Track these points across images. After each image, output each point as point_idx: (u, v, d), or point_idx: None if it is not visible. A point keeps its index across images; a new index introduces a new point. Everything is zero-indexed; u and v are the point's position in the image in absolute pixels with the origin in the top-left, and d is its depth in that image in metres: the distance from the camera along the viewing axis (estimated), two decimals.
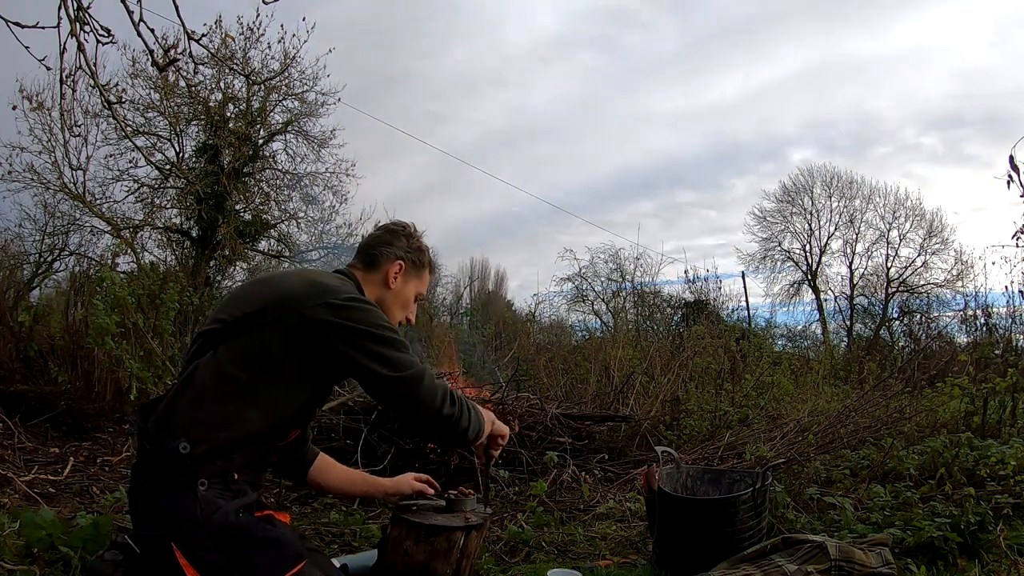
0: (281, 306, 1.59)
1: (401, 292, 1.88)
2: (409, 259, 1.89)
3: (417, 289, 1.93)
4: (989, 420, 4.95)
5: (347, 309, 1.60)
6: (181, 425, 1.49)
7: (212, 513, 1.43)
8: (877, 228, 21.26)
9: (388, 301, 1.86)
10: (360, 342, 1.58)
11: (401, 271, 1.87)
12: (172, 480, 1.44)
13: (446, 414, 1.65)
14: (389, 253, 1.87)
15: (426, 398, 1.62)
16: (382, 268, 1.86)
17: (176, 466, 1.44)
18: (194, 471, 1.45)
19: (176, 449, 1.44)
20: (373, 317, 1.62)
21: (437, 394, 1.64)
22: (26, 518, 2.63)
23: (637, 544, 3.37)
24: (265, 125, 14.29)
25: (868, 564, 2.49)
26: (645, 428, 5.53)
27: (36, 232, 13.29)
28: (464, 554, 2.45)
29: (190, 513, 1.42)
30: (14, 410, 4.68)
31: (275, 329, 1.56)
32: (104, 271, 6.19)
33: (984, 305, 10.35)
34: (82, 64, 2.78)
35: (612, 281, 18.39)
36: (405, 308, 1.91)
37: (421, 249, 1.93)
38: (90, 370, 5.10)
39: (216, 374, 1.54)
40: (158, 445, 1.48)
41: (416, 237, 1.93)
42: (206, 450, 1.47)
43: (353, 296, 1.64)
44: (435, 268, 2.04)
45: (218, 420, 1.50)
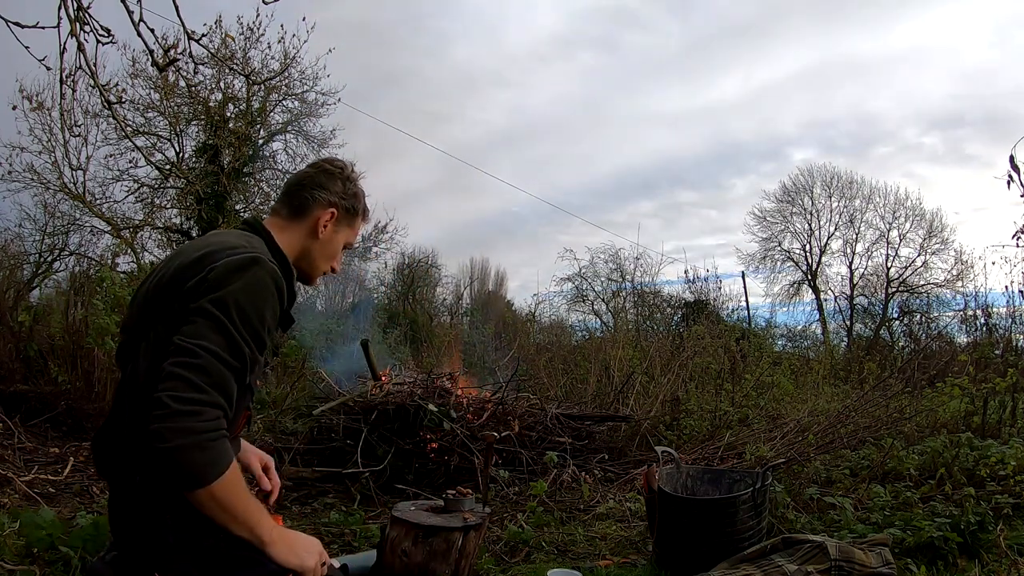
0: (169, 290, 1.38)
1: (330, 242, 1.67)
2: (343, 205, 1.66)
3: (347, 238, 1.71)
4: (989, 420, 4.95)
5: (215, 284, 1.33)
6: (128, 456, 1.36)
7: (188, 538, 1.36)
8: (877, 228, 21.24)
9: (314, 252, 1.65)
10: (202, 311, 1.30)
11: (333, 219, 1.65)
12: (140, 513, 1.36)
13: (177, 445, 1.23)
14: (321, 198, 1.63)
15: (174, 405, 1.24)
16: (311, 214, 1.63)
17: (138, 499, 1.36)
18: (157, 500, 1.35)
19: (134, 482, 1.36)
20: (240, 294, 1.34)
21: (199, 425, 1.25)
22: (26, 518, 2.63)
23: (637, 544, 3.37)
24: (265, 125, 14.29)
25: (868, 564, 2.49)
26: (645, 428, 5.53)
27: (36, 232, 13.30)
28: (463, 554, 2.45)
29: (166, 542, 1.35)
30: (14, 410, 4.68)
31: (166, 320, 1.35)
32: (104, 271, 6.20)
33: (984, 305, 10.34)
34: (82, 64, 2.78)
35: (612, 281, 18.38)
36: (331, 259, 1.70)
37: (356, 195, 1.70)
38: (90, 370, 5.10)
39: (135, 389, 1.36)
40: (115, 481, 1.40)
41: (353, 180, 1.70)
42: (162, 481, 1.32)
43: (235, 260, 1.37)
44: (368, 214, 1.78)
45: (151, 464, 1.29)
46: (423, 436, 4.42)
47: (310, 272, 1.69)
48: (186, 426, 1.24)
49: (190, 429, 1.24)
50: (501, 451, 4.55)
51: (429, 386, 5.01)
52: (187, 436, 1.24)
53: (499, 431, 4.43)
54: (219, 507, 1.30)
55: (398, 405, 4.61)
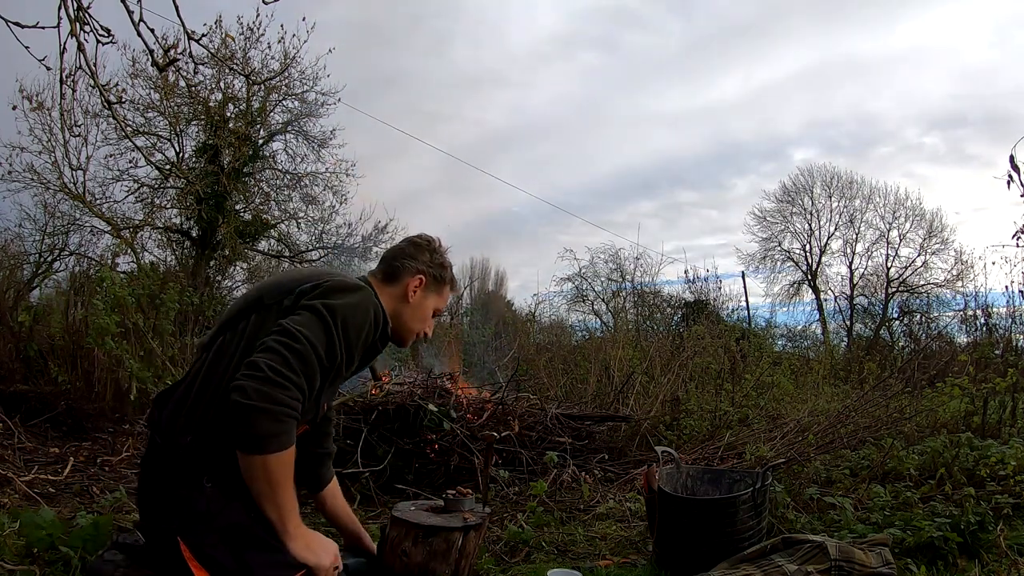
0: (275, 290, 1.59)
1: (420, 306, 1.85)
2: (431, 274, 1.86)
3: (436, 304, 1.90)
4: (989, 420, 4.95)
5: (328, 292, 1.56)
6: (189, 420, 1.48)
7: (219, 510, 1.43)
8: (877, 228, 21.26)
9: (406, 315, 1.83)
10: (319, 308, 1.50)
11: (421, 285, 1.84)
12: (179, 475, 1.44)
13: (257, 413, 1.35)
14: (411, 266, 1.84)
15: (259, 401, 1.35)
16: (402, 281, 1.83)
17: (183, 460, 1.44)
18: (200, 467, 1.44)
19: (184, 443, 1.44)
20: (349, 311, 1.52)
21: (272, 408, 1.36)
22: (26, 518, 2.63)
23: (637, 544, 3.37)
24: (265, 125, 14.28)
25: (868, 564, 2.49)
26: (645, 428, 5.53)
27: (36, 232, 13.30)
28: (463, 554, 2.45)
29: (197, 508, 1.41)
30: (14, 410, 4.68)
31: (268, 313, 1.55)
32: (104, 271, 6.20)
33: (984, 305, 10.35)
34: (82, 64, 2.78)
35: (612, 281, 18.39)
36: (423, 322, 1.88)
37: (444, 265, 1.90)
38: (90, 370, 5.10)
39: (217, 363, 1.53)
40: (167, 438, 1.47)
41: (440, 252, 1.91)
42: (212, 447, 1.45)
43: (347, 283, 1.60)
44: (456, 285, 1.99)
45: (222, 416, 1.45)
46: (423, 436, 4.42)
47: (403, 334, 1.86)
48: (270, 393, 1.37)
49: (272, 397, 1.37)
50: (501, 451, 4.55)
51: (429, 386, 5.01)
52: (267, 401, 1.36)
53: (499, 431, 4.44)
54: (264, 479, 1.40)
55: (398, 405, 4.61)
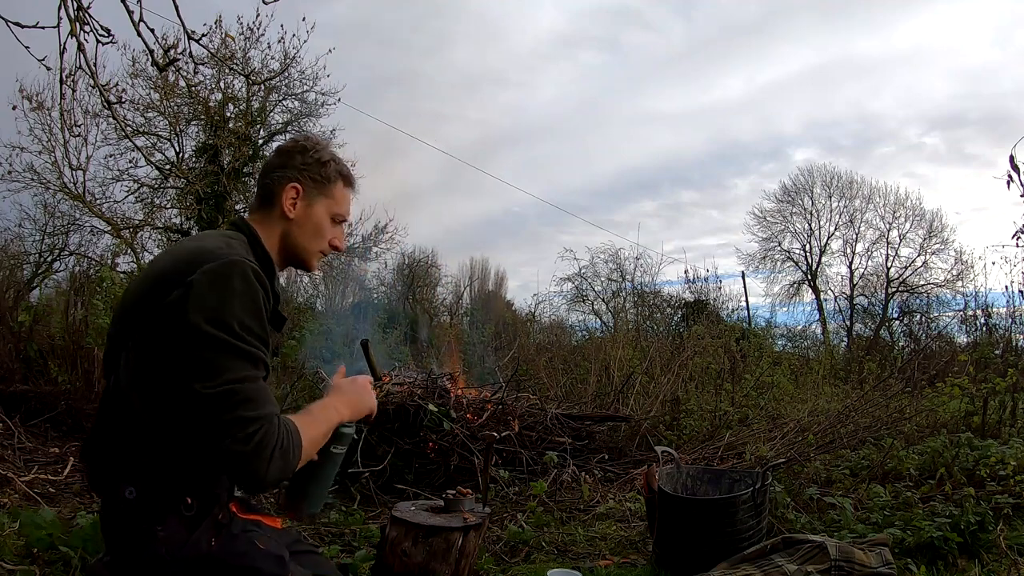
0: (148, 298, 1.32)
1: (307, 219, 1.56)
2: (308, 176, 1.56)
3: (331, 209, 1.59)
4: (989, 420, 4.94)
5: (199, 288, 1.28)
6: (118, 468, 1.33)
7: (180, 550, 1.32)
8: (877, 228, 21.24)
9: (294, 234, 1.55)
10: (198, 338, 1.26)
11: (300, 195, 1.55)
12: (130, 528, 1.33)
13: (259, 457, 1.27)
14: (280, 177, 1.55)
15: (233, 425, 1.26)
16: (277, 199, 1.54)
17: (128, 513, 1.32)
18: (147, 514, 1.32)
19: (123, 496, 1.32)
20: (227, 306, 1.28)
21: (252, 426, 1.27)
22: (26, 518, 2.63)
23: (637, 544, 3.37)
24: (265, 125, 14.29)
25: (868, 564, 2.48)
26: (645, 428, 5.53)
27: (36, 232, 13.31)
28: (463, 554, 2.45)
29: (155, 554, 1.32)
30: (14, 410, 4.68)
31: (145, 331, 1.31)
32: (104, 271, 6.20)
33: (984, 305, 10.33)
34: (82, 64, 2.78)
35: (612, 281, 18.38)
36: (319, 236, 1.58)
37: (322, 161, 1.58)
38: (90, 370, 5.10)
39: (120, 400, 1.32)
40: (105, 493, 1.36)
41: (315, 149, 1.59)
42: (150, 488, 1.32)
43: (213, 269, 1.31)
44: (352, 181, 1.66)
45: (139, 450, 1.31)
46: (424, 436, 4.42)
47: (303, 257, 1.59)
48: (265, 457, 1.27)
49: (270, 457, 1.28)
50: (501, 451, 4.55)
51: (429, 386, 5.01)
52: (273, 463, 1.29)
53: (499, 431, 4.44)
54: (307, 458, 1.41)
55: (398, 405, 4.61)
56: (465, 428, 4.49)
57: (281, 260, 1.58)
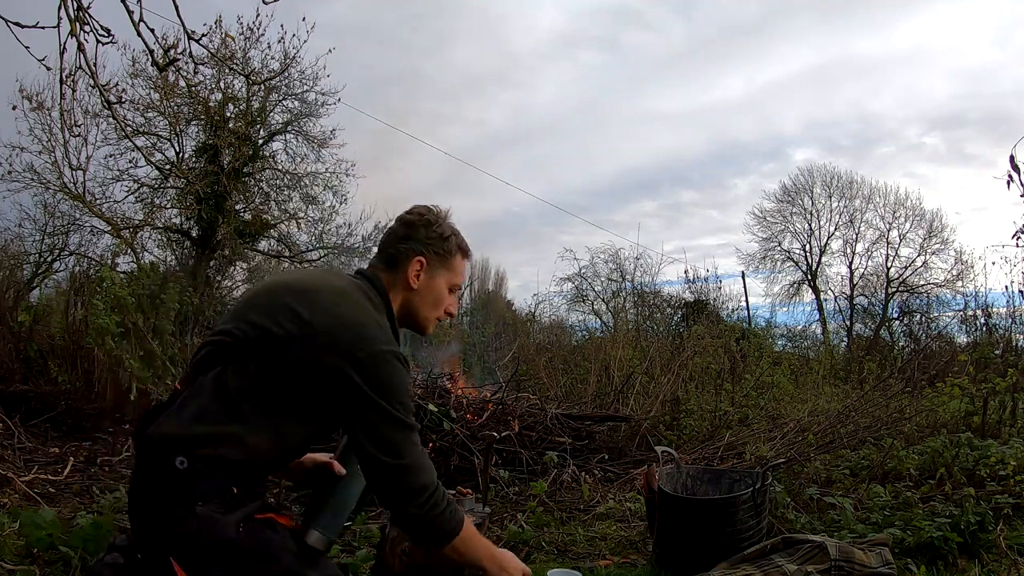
0: (303, 343, 1.45)
1: (429, 290, 1.69)
2: (432, 251, 1.68)
3: (450, 280, 1.73)
4: (989, 420, 4.94)
5: (369, 369, 1.46)
6: (180, 439, 1.41)
7: (210, 529, 1.39)
8: (877, 228, 21.25)
9: (415, 303, 1.69)
10: (368, 414, 1.47)
11: (423, 268, 1.67)
12: (168, 495, 1.39)
13: (424, 515, 1.54)
14: (406, 250, 1.67)
15: (412, 494, 1.52)
16: (401, 268, 1.67)
17: (173, 481, 1.38)
18: (191, 488, 1.39)
19: (173, 464, 1.38)
20: (394, 387, 1.49)
21: (425, 493, 1.52)
22: (26, 518, 2.63)
23: (637, 544, 3.37)
24: (265, 125, 14.27)
25: (868, 564, 2.49)
26: (645, 428, 5.52)
27: (36, 232, 13.30)
28: None
29: (188, 529, 1.37)
30: (14, 410, 4.68)
31: (289, 365, 1.45)
32: (104, 271, 6.20)
33: (984, 305, 10.34)
34: (82, 64, 2.78)
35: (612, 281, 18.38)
36: (437, 305, 1.72)
37: (444, 236, 1.70)
38: (90, 370, 5.10)
39: (221, 394, 1.44)
40: (155, 458, 1.41)
41: (437, 223, 1.70)
42: (204, 468, 1.40)
43: (381, 351, 1.48)
44: (469, 252, 1.78)
45: (222, 440, 1.41)
46: (423, 436, 4.42)
47: (421, 323, 1.74)
48: (439, 514, 1.55)
49: (443, 514, 1.56)
50: (501, 451, 4.55)
51: (429, 386, 5.01)
52: (446, 520, 1.57)
53: (499, 431, 4.44)
54: (458, 557, 1.66)
55: None
56: (465, 428, 4.49)
57: (399, 322, 1.71)
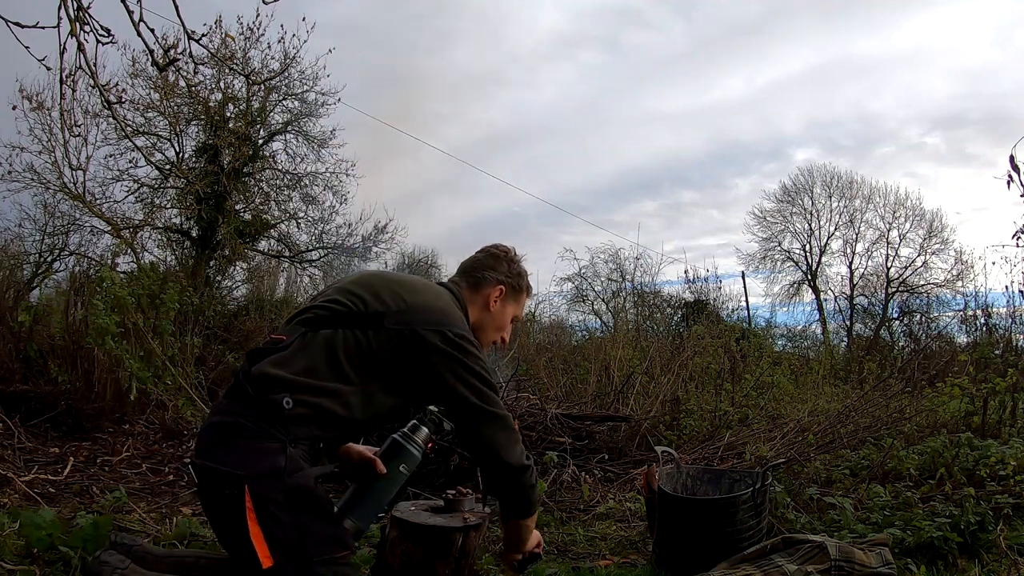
0: (402, 316, 1.68)
1: (499, 315, 1.98)
2: (510, 284, 1.98)
3: (515, 311, 2.03)
4: (989, 420, 4.94)
5: (457, 342, 1.69)
6: (290, 382, 1.55)
7: (294, 471, 1.50)
8: (877, 228, 21.26)
9: (486, 323, 1.96)
10: (461, 372, 1.69)
11: (501, 295, 1.97)
12: (266, 429, 1.50)
13: (522, 466, 1.76)
14: (491, 277, 1.96)
15: (507, 443, 1.73)
16: (484, 291, 1.95)
17: (274, 417, 1.51)
18: (289, 427, 1.52)
19: (279, 402, 1.51)
20: (478, 359, 1.73)
21: (519, 448, 1.75)
22: (26, 518, 2.63)
23: (637, 544, 3.37)
24: (265, 125, 14.25)
25: (868, 564, 2.49)
26: (645, 428, 5.52)
27: (36, 232, 13.28)
28: (463, 554, 2.45)
29: (275, 465, 1.48)
30: (14, 410, 4.67)
31: (390, 335, 1.66)
32: (104, 271, 6.20)
33: (984, 305, 10.34)
34: (82, 64, 2.78)
35: (612, 281, 18.39)
36: (500, 330, 2.01)
37: (521, 274, 2.02)
38: (90, 370, 5.09)
39: (330, 353, 1.62)
40: (262, 392, 1.53)
41: (517, 262, 2.03)
42: (306, 413, 1.54)
43: (467, 336, 1.74)
44: (532, 291, 2.12)
45: (325, 393, 1.58)
46: None
47: (483, 342, 1.97)
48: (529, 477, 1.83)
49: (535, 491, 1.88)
50: None
51: None
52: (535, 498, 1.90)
53: None
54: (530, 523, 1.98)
55: None
56: None
57: None
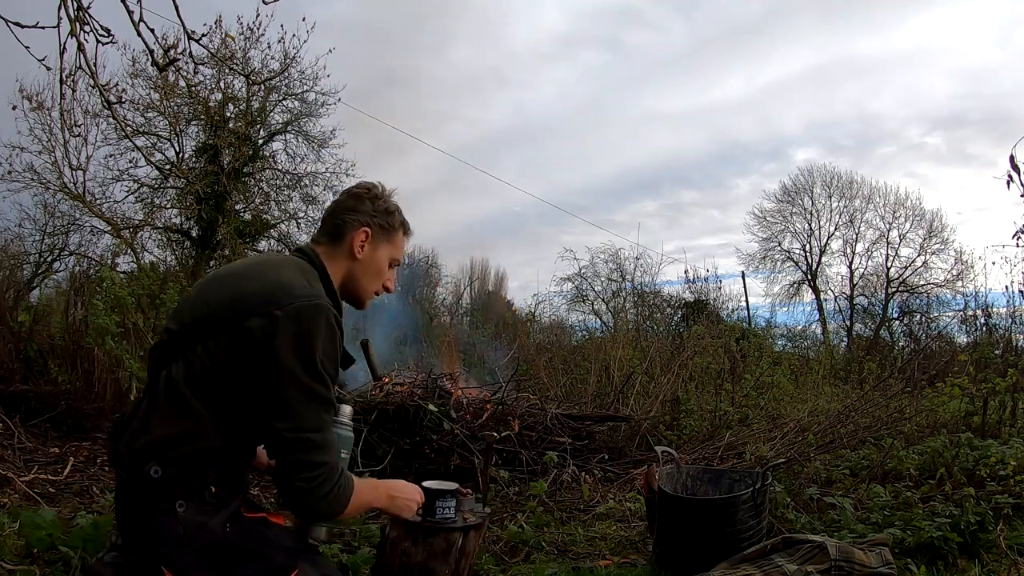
0: (226, 311, 1.46)
1: (371, 261, 1.72)
2: (376, 223, 1.72)
3: (391, 254, 1.76)
4: (989, 420, 4.95)
5: (288, 326, 1.42)
6: (148, 448, 1.42)
7: (197, 532, 1.40)
8: (877, 228, 21.23)
9: (358, 273, 1.71)
10: (280, 378, 1.42)
11: (368, 238, 1.70)
12: (150, 504, 1.40)
13: (320, 495, 1.46)
14: (353, 220, 1.69)
15: (305, 467, 1.44)
16: (347, 238, 1.69)
17: (151, 491, 1.40)
18: (169, 494, 1.40)
19: (148, 474, 1.40)
20: (313, 345, 1.43)
21: (319, 470, 1.45)
22: (26, 518, 2.63)
23: (637, 544, 3.37)
24: (265, 125, 14.28)
25: (868, 564, 2.49)
26: (645, 428, 5.52)
27: (36, 232, 13.31)
28: (463, 554, 2.45)
29: (174, 535, 1.38)
30: (14, 410, 4.67)
31: (220, 339, 1.44)
32: (104, 271, 6.20)
33: (984, 305, 10.34)
34: (82, 64, 2.78)
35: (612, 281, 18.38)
36: (378, 277, 1.75)
37: (389, 211, 1.74)
38: (90, 370, 5.09)
39: (174, 395, 1.43)
40: (130, 471, 1.43)
41: (383, 198, 1.75)
42: (177, 471, 1.41)
43: (302, 308, 1.45)
44: (410, 230, 1.83)
45: (183, 440, 1.42)
46: (424, 436, 4.42)
47: (361, 296, 1.75)
48: (321, 496, 1.47)
49: (325, 497, 1.47)
50: (501, 451, 4.55)
51: (429, 386, 5.01)
52: (324, 503, 1.48)
53: (499, 431, 4.43)
54: (352, 515, 1.61)
55: (398, 405, 4.61)
56: (465, 428, 4.49)
57: (340, 295, 1.71)
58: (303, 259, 1.66)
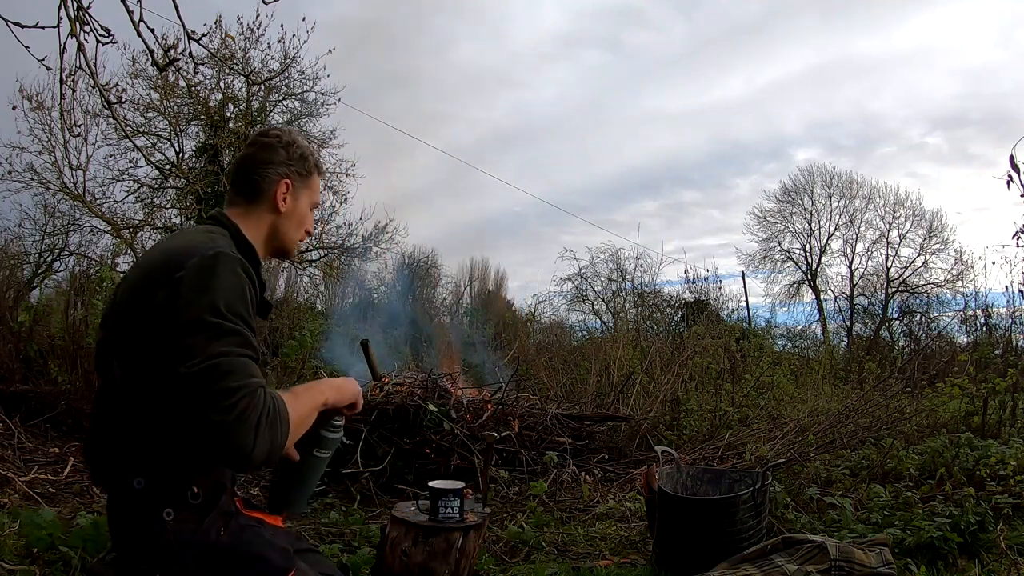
0: (139, 298, 1.36)
1: (295, 211, 1.65)
2: (295, 172, 1.64)
3: (311, 199, 1.70)
4: (989, 420, 4.95)
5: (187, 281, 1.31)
6: (123, 461, 1.37)
7: (188, 538, 1.37)
8: (877, 228, 21.22)
9: (283, 226, 1.64)
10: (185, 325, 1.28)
11: (289, 189, 1.63)
12: (139, 515, 1.37)
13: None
14: (271, 173, 1.61)
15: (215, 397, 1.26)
16: (267, 193, 1.61)
17: (137, 501, 1.37)
18: (156, 502, 1.36)
19: (132, 486, 1.36)
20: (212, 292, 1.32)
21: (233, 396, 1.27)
22: (26, 518, 2.63)
23: (637, 544, 3.37)
24: (265, 125, 14.30)
25: (868, 564, 2.49)
26: (645, 428, 5.52)
27: (36, 232, 13.29)
28: (463, 554, 2.45)
29: (165, 543, 1.35)
30: (14, 410, 4.68)
31: (140, 335, 1.34)
32: (104, 271, 6.20)
33: (984, 305, 10.33)
34: (82, 64, 2.78)
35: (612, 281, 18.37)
36: (302, 225, 1.69)
37: (304, 156, 1.67)
38: (90, 370, 5.09)
39: (117, 399, 1.37)
40: (115, 487, 1.40)
41: (295, 143, 1.66)
42: (159, 479, 1.37)
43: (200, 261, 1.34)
44: (323, 168, 1.77)
45: (153, 447, 1.35)
46: (424, 436, 4.42)
47: (287, 246, 1.68)
48: (251, 426, 1.27)
49: (256, 426, 1.27)
50: (501, 451, 4.55)
51: (429, 386, 5.01)
52: (260, 434, 1.28)
53: (499, 431, 4.44)
54: (299, 434, 1.44)
55: (398, 405, 4.60)
56: (465, 428, 4.49)
57: (267, 251, 1.64)
58: (211, 224, 1.57)
